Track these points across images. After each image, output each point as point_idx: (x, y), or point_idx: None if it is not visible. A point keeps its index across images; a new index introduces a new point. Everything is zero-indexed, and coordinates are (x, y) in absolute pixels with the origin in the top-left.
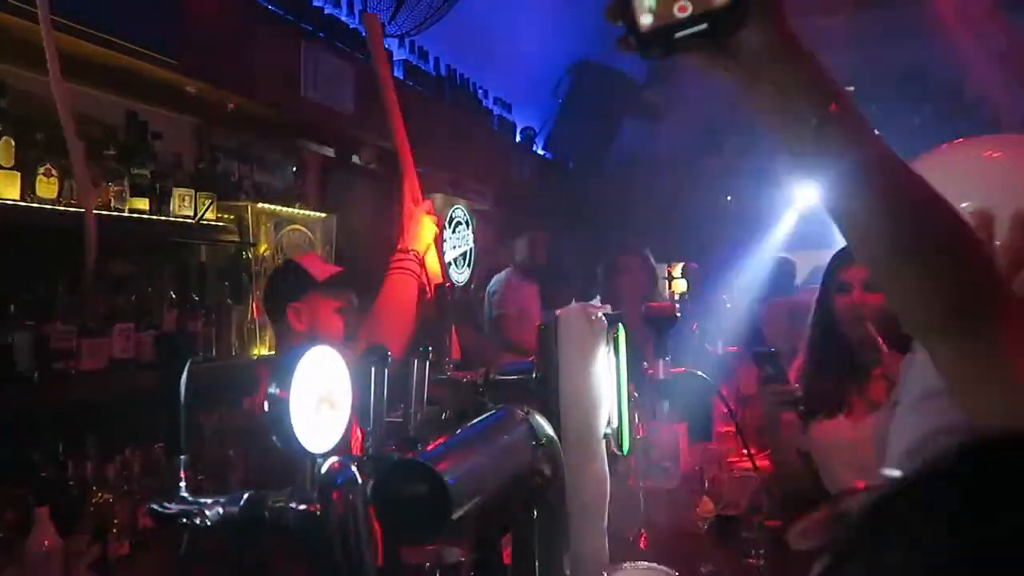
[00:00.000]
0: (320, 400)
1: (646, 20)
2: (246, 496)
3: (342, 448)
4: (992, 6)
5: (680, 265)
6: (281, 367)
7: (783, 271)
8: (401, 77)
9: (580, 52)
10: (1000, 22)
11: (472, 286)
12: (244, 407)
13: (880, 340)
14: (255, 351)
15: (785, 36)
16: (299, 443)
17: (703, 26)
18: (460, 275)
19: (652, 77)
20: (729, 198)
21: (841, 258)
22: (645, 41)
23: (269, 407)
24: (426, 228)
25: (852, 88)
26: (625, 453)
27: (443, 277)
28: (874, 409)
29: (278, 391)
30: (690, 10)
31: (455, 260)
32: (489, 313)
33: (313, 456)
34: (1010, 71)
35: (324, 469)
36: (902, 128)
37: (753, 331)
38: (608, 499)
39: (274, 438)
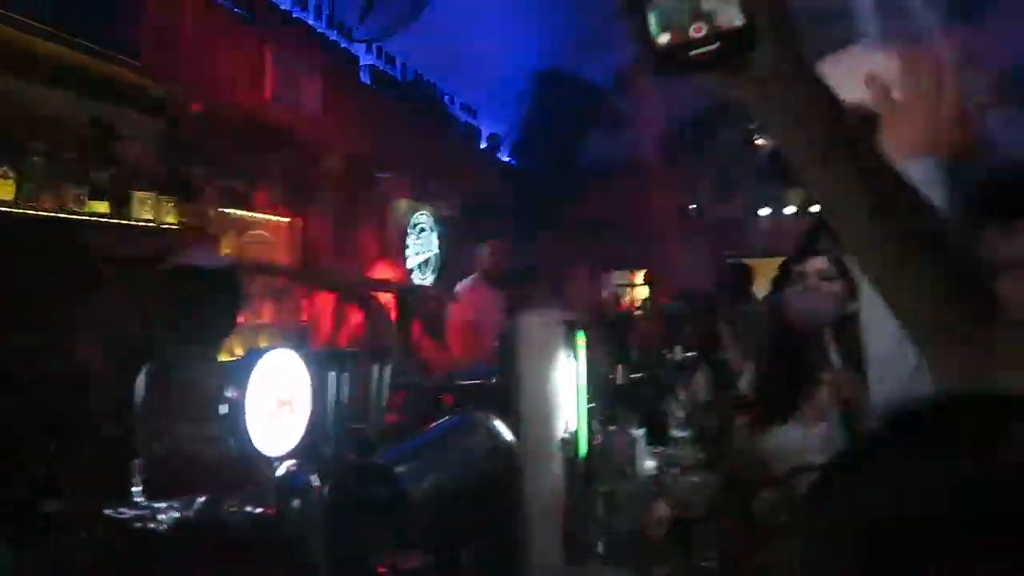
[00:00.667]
0: (278, 403)
1: (663, 39)
2: (201, 500)
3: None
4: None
5: (642, 272)
6: (238, 370)
7: (740, 277)
8: (368, 83)
9: (546, 60)
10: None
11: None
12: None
13: (834, 344)
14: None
15: (795, 60)
16: (255, 446)
17: (715, 45)
18: (424, 281)
19: (617, 86)
20: (693, 207)
21: (794, 257)
22: (661, 59)
23: (226, 410)
24: None
25: None
26: (582, 457)
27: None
28: (824, 415)
29: (234, 394)
30: (704, 31)
31: (419, 266)
32: (453, 319)
33: (269, 459)
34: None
35: (281, 472)
36: None
37: (711, 337)
38: (562, 503)
39: (230, 441)
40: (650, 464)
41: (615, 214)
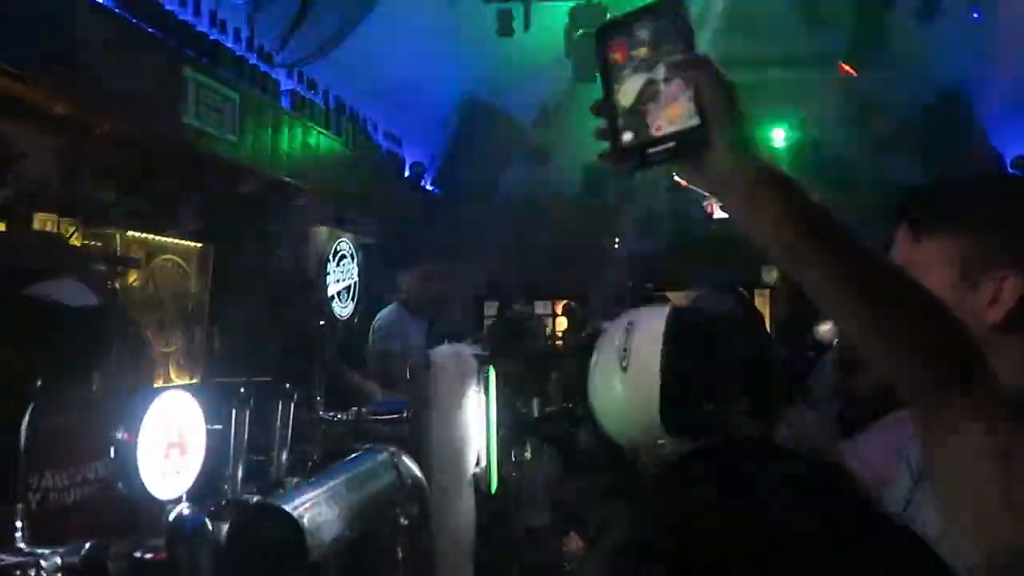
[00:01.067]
0: (170, 445)
1: (627, 137)
2: (88, 546)
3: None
4: None
5: (563, 303)
6: (130, 411)
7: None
8: (289, 107)
9: (469, 92)
10: None
11: (356, 320)
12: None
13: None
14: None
15: (748, 155)
16: (146, 489)
17: (672, 144)
18: (344, 309)
19: (539, 120)
20: (617, 241)
21: (701, 294)
22: (623, 155)
23: (115, 453)
24: None
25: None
26: (493, 492)
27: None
28: None
29: (125, 436)
30: (664, 130)
31: (339, 294)
32: (373, 347)
33: (161, 503)
34: None
35: (173, 516)
36: None
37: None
38: (473, 538)
39: (119, 484)
40: (565, 496)
41: (536, 245)
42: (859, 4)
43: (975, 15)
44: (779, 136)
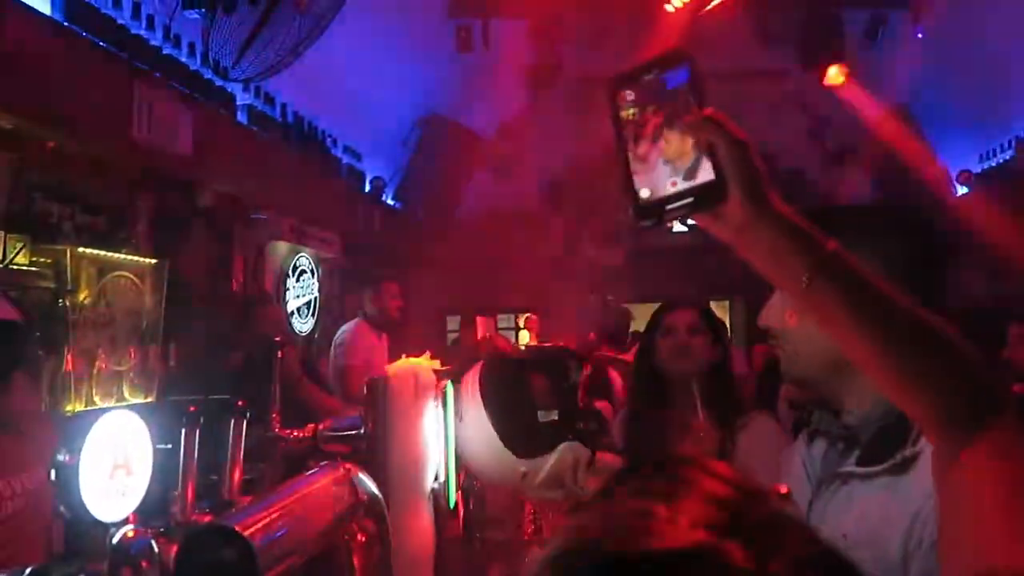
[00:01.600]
0: (115, 466)
1: (644, 193)
2: (28, 570)
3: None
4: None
5: (524, 316)
6: (71, 432)
7: (618, 322)
8: (245, 122)
9: (429, 105)
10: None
11: (316, 336)
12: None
13: (699, 402)
14: (69, 407)
15: (765, 209)
16: (89, 512)
17: (690, 200)
18: (304, 325)
19: (499, 134)
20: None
21: (666, 306)
22: (641, 211)
23: (58, 475)
24: None
25: None
26: (452, 507)
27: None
28: None
29: (67, 458)
30: (679, 186)
31: (298, 310)
32: (335, 362)
33: (105, 525)
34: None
35: (117, 539)
36: None
37: (594, 380)
38: (432, 553)
39: (62, 507)
40: (530, 509)
41: (498, 258)
42: (809, 21)
43: (919, 35)
44: None
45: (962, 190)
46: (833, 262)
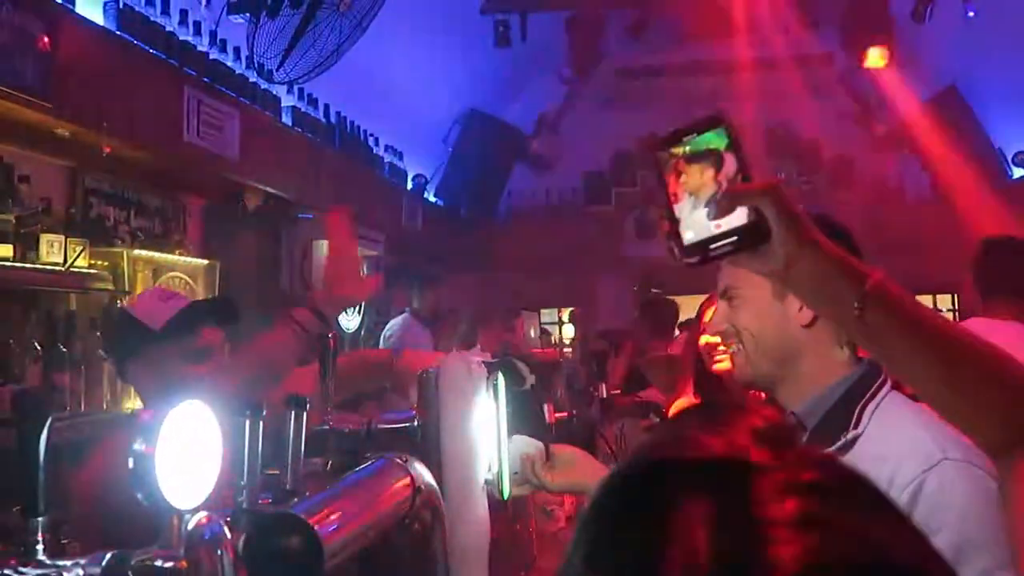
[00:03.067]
0: (188, 454)
1: (688, 235)
2: (108, 556)
3: (215, 502)
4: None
5: (568, 311)
6: (147, 423)
7: (663, 314)
8: (290, 124)
9: (469, 102)
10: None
11: (363, 333)
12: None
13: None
14: (129, 404)
15: (808, 244)
16: (165, 499)
17: (734, 239)
18: (350, 321)
19: (539, 129)
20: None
21: (710, 298)
22: (687, 251)
23: (134, 464)
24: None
25: None
26: (506, 498)
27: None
28: None
29: (144, 447)
30: (723, 227)
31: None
32: None
33: (180, 511)
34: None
35: (191, 525)
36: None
37: (638, 375)
38: (488, 544)
39: (139, 495)
40: (578, 501)
41: (541, 252)
42: (854, 3)
43: (970, 13)
44: None
45: (1019, 172)
46: (880, 290)
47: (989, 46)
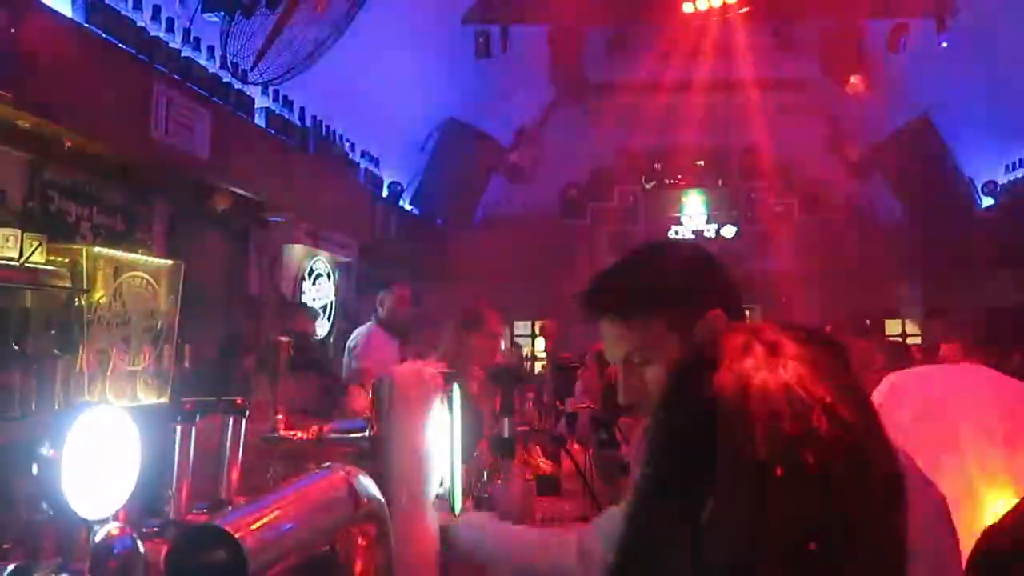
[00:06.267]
0: (100, 462)
1: None
2: (9, 569)
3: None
4: None
5: (540, 323)
6: (55, 426)
7: None
8: (263, 125)
9: (448, 111)
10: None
11: (332, 340)
12: None
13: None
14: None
15: None
16: (70, 508)
17: None
18: (320, 328)
19: (517, 141)
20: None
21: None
22: None
23: (39, 469)
24: None
25: (702, 162)
26: (457, 513)
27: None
28: None
29: (50, 451)
30: None
31: None
32: (348, 365)
33: (88, 523)
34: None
35: (99, 537)
36: (739, 198)
37: (607, 390)
38: (437, 560)
39: (43, 503)
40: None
41: (514, 263)
42: (831, 31)
43: (943, 44)
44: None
45: (987, 201)
46: None
47: (961, 77)
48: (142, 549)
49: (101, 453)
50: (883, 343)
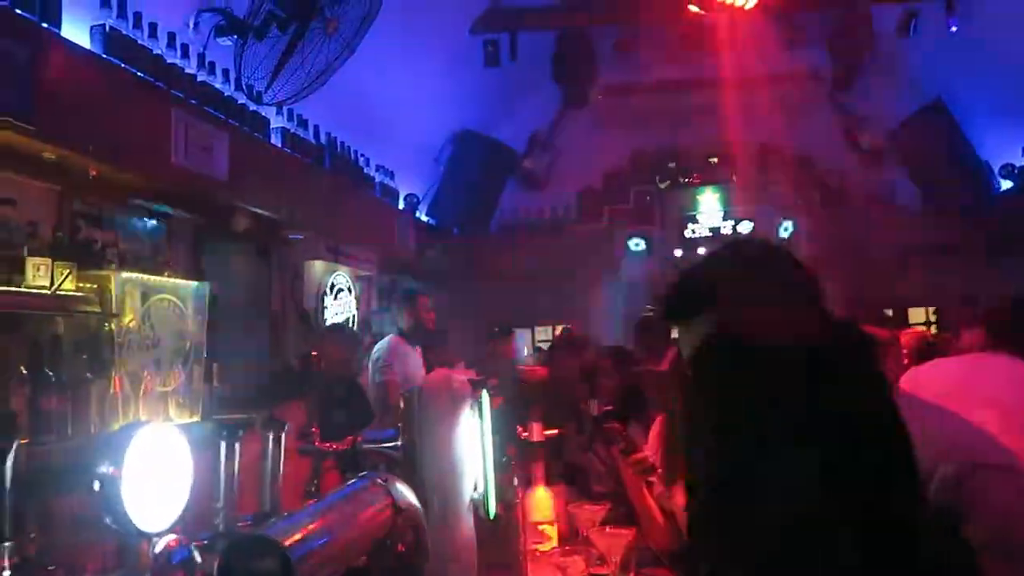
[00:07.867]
0: (157, 477)
1: None
2: None
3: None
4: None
5: (560, 327)
6: (113, 444)
7: (655, 332)
8: (280, 145)
9: (461, 122)
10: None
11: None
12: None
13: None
14: (117, 427)
15: None
16: (131, 522)
17: None
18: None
19: (531, 147)
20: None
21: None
22: None
23: (100, 486)
24: None
25: (715, 159)
26: (492, 517)
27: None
28: None
29: (110, 469)
30: None
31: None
32: (373, 379)
33: (148, 535)
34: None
35: (159, 548)
36: (759, 193)
37: (631, 393)
38: (474, 564)
39: (107, 519)
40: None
41: (533, 269)
42: (839, 19)
43: (953, 28)
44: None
45: (1006, 184)
46: None
47: (973, 60)
48: (199, 559)
49: (157, 469)
50: (906, 335)
